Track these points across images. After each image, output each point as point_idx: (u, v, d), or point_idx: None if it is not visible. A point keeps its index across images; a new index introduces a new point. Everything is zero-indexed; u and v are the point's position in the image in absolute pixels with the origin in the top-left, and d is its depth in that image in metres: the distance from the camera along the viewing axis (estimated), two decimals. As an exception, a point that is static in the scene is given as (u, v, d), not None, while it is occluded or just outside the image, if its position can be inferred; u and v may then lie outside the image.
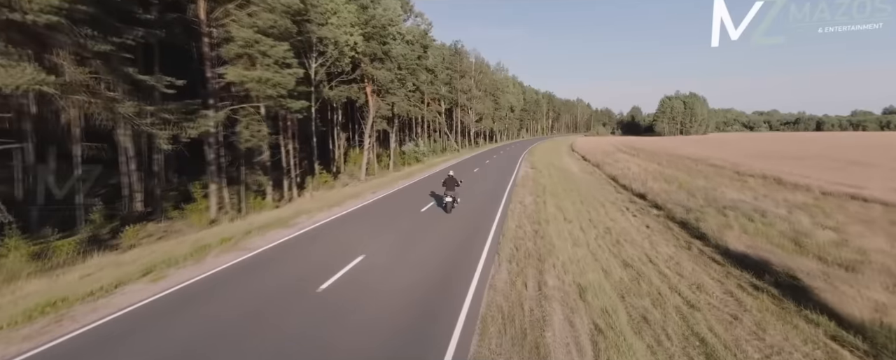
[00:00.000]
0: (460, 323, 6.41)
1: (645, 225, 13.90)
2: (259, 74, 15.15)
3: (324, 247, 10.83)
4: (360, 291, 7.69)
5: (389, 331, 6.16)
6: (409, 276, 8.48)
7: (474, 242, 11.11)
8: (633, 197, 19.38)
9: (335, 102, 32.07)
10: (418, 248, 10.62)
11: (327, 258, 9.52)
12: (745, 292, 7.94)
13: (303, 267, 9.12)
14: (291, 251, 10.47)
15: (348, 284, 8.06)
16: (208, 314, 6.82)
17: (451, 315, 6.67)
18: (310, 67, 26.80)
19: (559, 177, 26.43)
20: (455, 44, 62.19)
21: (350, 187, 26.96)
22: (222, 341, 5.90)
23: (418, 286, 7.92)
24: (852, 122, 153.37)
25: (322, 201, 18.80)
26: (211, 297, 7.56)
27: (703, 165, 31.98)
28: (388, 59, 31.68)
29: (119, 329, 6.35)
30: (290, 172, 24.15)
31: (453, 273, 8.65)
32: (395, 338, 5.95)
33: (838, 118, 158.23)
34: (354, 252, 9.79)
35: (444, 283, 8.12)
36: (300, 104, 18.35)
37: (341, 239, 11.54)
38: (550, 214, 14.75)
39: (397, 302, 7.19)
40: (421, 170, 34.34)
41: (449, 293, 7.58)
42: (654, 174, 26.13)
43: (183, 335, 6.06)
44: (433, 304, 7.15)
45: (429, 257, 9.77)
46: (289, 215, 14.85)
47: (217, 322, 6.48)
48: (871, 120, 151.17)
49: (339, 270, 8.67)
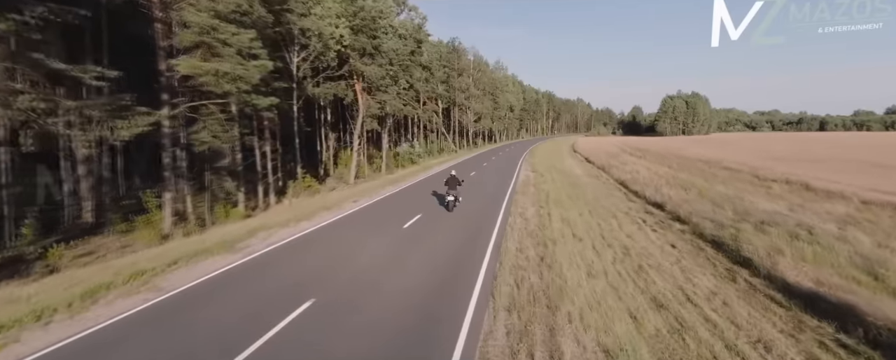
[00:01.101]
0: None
1: (669, 244, 11.69)
2: (214, 66, 12.92)
3: (264, 286, 8.36)
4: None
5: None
6: (369, 338, 6.20)
7: (463, 274, 8.86)
8: (649, 206, 17.15)
9: (322, 100, 29.85)
10: (390, 284, 8.38)
11: (262, 306, 7.23)
12: (837, 358, 5.72)
13: (219, 324, 6.63)
14: (217, 294, 8.02)
15: (278, 352, 5.83)
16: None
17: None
18: (291, 61, 24.58)
19: (563, 182, 24.22)
20: (452, 41, 59.96)
21: (336, 193, 24.74)
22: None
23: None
24: (856, 122, 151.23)
25: (295, 212, 16.58)
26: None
27: (717, 169, 29.77)
28: (379, 54, 29.47)
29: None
30: (268, 177, 21.91)
31: (430, 333, 6.30)
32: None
33: (842, 118, 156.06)
34: (302, 294, 7.55)
35: (416, 352, 5.88)
36: (268, 101, 16.11)
37: (293, 272, 9.23)
38: (556, 230, 12.53)
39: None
40: (414, 173, 32.13)
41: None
42: (667, 179, 23.92)
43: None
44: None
45: (401, 301, 7.49)
46: (245, 232, 12.59)
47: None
48: (875, 120, 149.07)
49: (273, 325, 6.39)
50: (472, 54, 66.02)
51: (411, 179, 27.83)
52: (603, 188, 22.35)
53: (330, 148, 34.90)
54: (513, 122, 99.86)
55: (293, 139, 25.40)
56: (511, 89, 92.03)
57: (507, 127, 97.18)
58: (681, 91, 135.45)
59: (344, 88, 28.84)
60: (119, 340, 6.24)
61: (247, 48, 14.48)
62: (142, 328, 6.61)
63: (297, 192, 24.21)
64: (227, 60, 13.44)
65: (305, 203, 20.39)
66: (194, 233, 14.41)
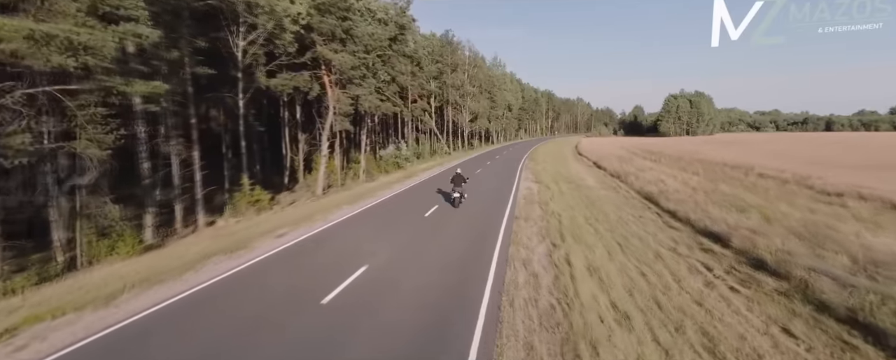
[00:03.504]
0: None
1: (780, 328, 6.86)
2: (29, 26, 7.99)
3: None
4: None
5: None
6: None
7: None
8: (701, 238, 12.31)
9: (282, 94, 24.93)
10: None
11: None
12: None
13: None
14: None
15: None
16: None
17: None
18: (235, 44, 19.66)
19: (575, 197, 19.37)
20: (446, 33, 55.07)
21: (291, 210, 19.85)
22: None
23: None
24: (863, 122, 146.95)
25: (199, 248, 11.67)
26: None
27: (754, 176, 24.99)
28: (351, 39, 24.54)
29: None
30: (196, 192, 16.99)
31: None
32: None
33: (848, 119, 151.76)
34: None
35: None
36: (147, 88, 11.15)
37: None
38: (586, 298, 7.66)
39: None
40: (399, 181, 27.26)
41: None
42: (704, 192, 19.13)
43: None
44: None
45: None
46: (68, 302, 7.64)
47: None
48: (883, 120, 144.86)
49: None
50: (468, 49, 61.21)
51: (387, 190, 22.95)
52: (627, 206, 17.51)
53: (300, 151, 29.93)
54: (511, 122, 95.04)
55: (239, 141, 20.44)
56: (509, 87, 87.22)
57: (505, 127, 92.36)
58: (684, 90, 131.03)
59: (308, 80, 23.91)
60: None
61: (116, 4, 9.57)
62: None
63: (240, 209, 19.28)
64: (58, 20, 8.54)
65: (238, 229, 15.49)
66: (32, 288, 9.42)
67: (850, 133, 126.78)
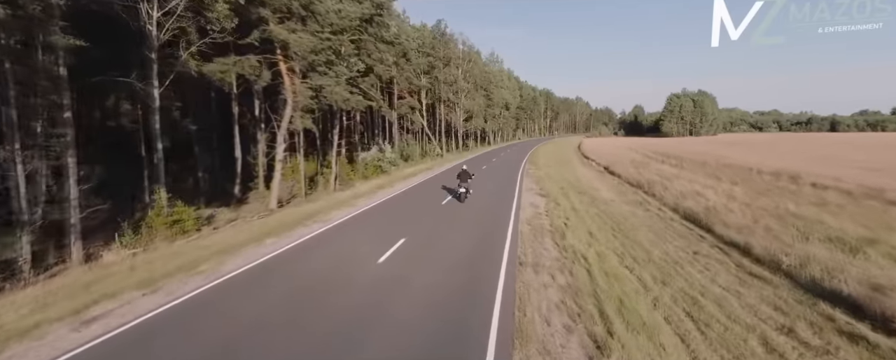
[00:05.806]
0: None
1: None
2: None
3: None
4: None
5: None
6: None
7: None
8: (817, 301, 7.69)
9: (225, 84, 20.19)
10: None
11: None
12: None
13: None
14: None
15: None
16: None
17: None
18: (148, 15, 14.95)
19: (595, 218, 14.71)
20: (438, 24, 50.32)
21: (219, 236, 15.05)
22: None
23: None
24: (869, 122, 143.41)
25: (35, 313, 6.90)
26: None
27: (806, 187, 20.43)
28: (312, 16, 19.80)
29: None
30: (72, 215, 12.21)
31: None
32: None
33: (853, 119, 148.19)
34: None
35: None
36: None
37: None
38: None
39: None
40: (378, 190, 22.61)
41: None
42: (766, 211, 14.58)
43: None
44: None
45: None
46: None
47: None
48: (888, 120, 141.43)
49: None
50: (462, 42, 56.45)
51: (362, 201, 18.27)
52: (669, 233, 12.87)
53: (260, 154, 25.13)
54: (508, 121, 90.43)
55: (154, 143, 15.61)
56: (506, 85, 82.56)
57: (502, 127, 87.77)
58: (685, 89, 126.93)
59: (256, 66, 19.14)
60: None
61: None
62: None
63: (155, 233, 14.48)
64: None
65: (116, 271, 10.70)
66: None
67: (866, 134, 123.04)
